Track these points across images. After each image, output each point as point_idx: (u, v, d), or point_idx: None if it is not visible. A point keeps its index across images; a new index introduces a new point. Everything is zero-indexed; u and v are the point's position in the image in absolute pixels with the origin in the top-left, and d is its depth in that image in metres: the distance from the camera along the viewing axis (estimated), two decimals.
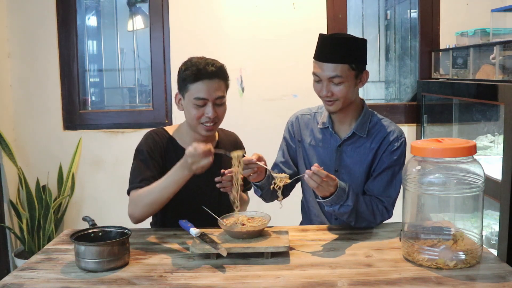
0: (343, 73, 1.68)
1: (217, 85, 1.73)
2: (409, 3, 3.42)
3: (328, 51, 1.69)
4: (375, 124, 1.81)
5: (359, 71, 1.72)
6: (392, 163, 1.76)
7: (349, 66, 1.68)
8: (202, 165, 1.55)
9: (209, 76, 1.71)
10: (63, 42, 3.21)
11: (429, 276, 1.36)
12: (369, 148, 1.79)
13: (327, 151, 1.83)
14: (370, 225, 1.75)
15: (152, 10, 3.21)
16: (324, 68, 1.69)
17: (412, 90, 3.37)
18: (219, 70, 1.74)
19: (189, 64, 1.74)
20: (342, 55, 1.68)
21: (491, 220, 2.45)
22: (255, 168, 1.62)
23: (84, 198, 3.29)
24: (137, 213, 1.69)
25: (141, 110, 3.38)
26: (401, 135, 1.80)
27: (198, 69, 1.70)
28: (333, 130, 1.82)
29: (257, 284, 1.34)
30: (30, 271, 1.46)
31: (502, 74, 2.30)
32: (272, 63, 3.16)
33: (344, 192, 1.62)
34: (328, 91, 1.70)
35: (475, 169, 1.46)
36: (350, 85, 1.70)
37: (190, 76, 1.71)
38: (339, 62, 1.67)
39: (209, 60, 1.75)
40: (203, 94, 1.70)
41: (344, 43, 1.69)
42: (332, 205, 1.63)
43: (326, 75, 1.69)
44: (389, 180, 1.76)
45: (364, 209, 1.69)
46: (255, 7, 3.14)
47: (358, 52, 1.71)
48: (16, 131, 3.24)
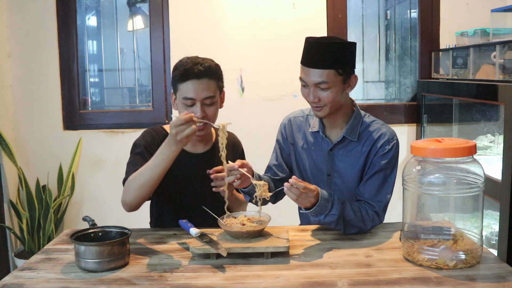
0: (329, 78, 1.64)
1: (206, 85, 1.72)
2: (409, 3, 3.42)
3: (314, 56, 1.64)
4: (367, 127, 1.78)
5: (346, 76, 1.68)
6: (383, 166, 1.73)
7: (335, 72, 1.64)
8: (187, 134, 1.52)
9: (197, 76, 1.71)
10: (63, 42, 3.22)
11: (429, 276, 1.36)
12: (360, 151, 1.76)
13: (319, 155, 1.82)
14: (361, 231, 1.71)
15: (152, 10, 3.21)
16: (310, 74, 1.65)
17: (412, 90, 3.37)
18: (208, 70, 1.73)
19: (179, 64, 1.76)
20: (328, 61, 1.63)
21: (491, 220, 2.45)
22: (238, 175, 1.60)
23: (84, 198, 3.29)
24: (129, 198, 1.67)
25: (141, 110, 3.38)
26: (393, 138, 1.76)
27: (185, 69, 1.71)
28: (324, 134, 1.80)
29: (257, 284, 1.34)
30: (30, 271, 1.46)
31: (502, 74, 2.30)
32: (272, 63, 3.16)
33: (328, 202, 1.59)
34: (314, 96, 1.67)
35: (475, 169, 1.46)
36: (337, 90, 1.67)
37: (178, 76, 1.73)
38: (325, 68, 1.63)
39: (200, 59, 1.75)
40: (191, 94, 1.71)
41: (330, 48, 1.64)
42: (316, 215, 1.61)
43: (312, 80, 1.65)
44: (381, 184, 1.73)
45: (352, 216, 1.66)
46: (255, 7, 3.14)
47: (345, 57, 1.66)
48: (16, 131, 3.24)
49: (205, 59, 1.77)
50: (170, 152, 1.58)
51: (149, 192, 1.67)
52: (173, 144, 1.56)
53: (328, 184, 1.82)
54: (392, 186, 1.76)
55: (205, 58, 1.77)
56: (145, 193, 1.66)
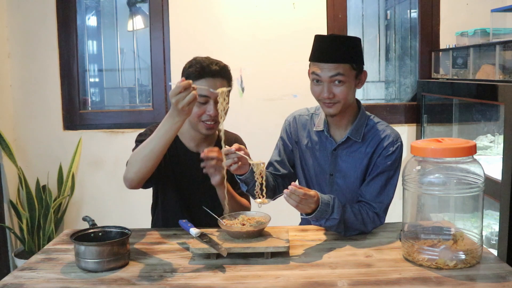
0: (345, 71, 1.65)
1: (220, 84, 1.74)
2: (409, 3, 3.42)
3: (329, 50, 1.66)
4: (371, 128, 1.78)
5: (359, 71, 1.71)
6: (386, 168, 1.73)
7: (350, 66, 1.67)
8: (188, 101, 1.47)
9: (212, 74, 1.73)
10: (63, 42, 3.21)
11: (429, 276, 1.36)
12: (364, 152, 1.76)
13: (323, 154, 1.82)
14: (363, 232, 1.71)
15: (152, 10, 3.21)
16: (326, 68, 1.66)
17: (412, 90, 3.37)
18: (223, 70, 1.76)
19: (194, 62, 1.77)
20: (343, 55, 1.66)
21: (491, 220, 2.45)
22: (236, 159, 1.58)
23: (84, 198, 3.29)
24: (130, 173, 1.63)
25: (141, 110, 3.38)
26: (397, 140, 1.76)
27: (202, 67, 1.73)
28: (329, 133, 1.80)
29: (257, 284, 1.34)
30: (30, 271, 1.46)
31: (502, 74, 2.30)
32: (272, 63, 3.16)
33: (328, 206, 1.59)
34: (329, 92, 1.67)
35: (475, 169, 1.46)
36: (350, 85, 1.69)
37: (194, 73, 1.73)
38: (341, 62, 1.65)
39: (214, 60, 1.78)
40: (205, 91, 1.71)
41: (344, 42, 1.68)
42: (317, 220, 1.61)
43: (328, 75, 1.66)
44: (383, 185, 1.73)
45: (353, 219, 1.66)
46: (255, 7, 3.14)
47: (357, 52, 1.69)
48: (16, 131, 3.24)
49: (218, 60, 1.79)
50: (173, 123, 1.53)
51: (151, 166, 1.62)
52: (175, 115, 1.51)
53: (330, 184, 1.82)
54: (394, 188, 1.75)
55: (217, 60, 1.80)
56: (147, 168, 1.62)
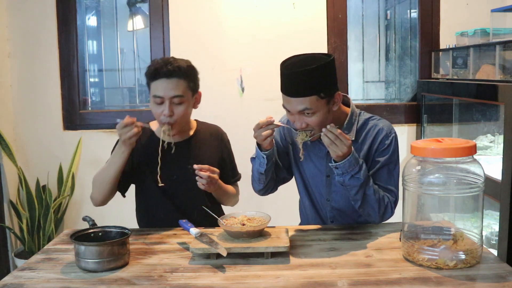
0: (312, 104, 1.59)
1: (175, 84, 1.77)
2: (409, 3, 3.42)
3: (293, 85, 1.60)
4: (363, 124, 1.77)
5: (329, 97, 1.62)
6: (386, 161, 1.73)
7: (317, 97, 1.59)
8: (129, 136, 1.69)
9: (166, 75, 1.77)
10: (63, 42, 3.21)
11: (429, 276, 1.36)
12: (359, 150, 1.74)
13: (317, 156, 1.81)
14: (372, 217, 1.71)
15: (152, 10, 3.21)
16: (292, 103, 1.61)
17: (412, 90, 3.37)
18: (178, 70, 1.77)
19: (151, 64, 1.83)
20: (307, 88, 1.58)
21: (491, 220, 2.45)
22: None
23: (84, 198, 3.28)
24: (94, 195, 1.84)
25: (141, 110, 3.38)
26: (390, 132, 1.75)
27: (155, 68, 1.78)
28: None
29: (257, 284, 1.34)
30: (30, 271, 1.46)
31: (502, 74, 2.30)
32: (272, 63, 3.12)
33: (357, 163, 1.60)
34: (301, 123, 1.64)
35: (475, 169, 1.46)
36: (323, 113, 1.63)
37: (148, 75, 1.81)
38: (307, 95, 1.58)
39: (171, 59, 1.80)
40: (159, 92, 1.78)
41: (307, 75, 1.56)
42: (343, 173, 1.60)
43: (296, 109, 1.61)
44: (387, 178, 1.73)
45: (371, 193, 1.65)
46: (255, 7, 3.14)
47: (324, 79, 1.59)
48: (16, 131, 3.24)
49: (179, 59, 1.82)
50: (121, 153, 1.76)
51: (110, 189, 1.82)
52: (122, 146, 1.74)
53: (328, 185, 1.81)
54: (398, 180, 1.73)
55: (179, 59, 1.82)
56: (106, 189, 1.81)
